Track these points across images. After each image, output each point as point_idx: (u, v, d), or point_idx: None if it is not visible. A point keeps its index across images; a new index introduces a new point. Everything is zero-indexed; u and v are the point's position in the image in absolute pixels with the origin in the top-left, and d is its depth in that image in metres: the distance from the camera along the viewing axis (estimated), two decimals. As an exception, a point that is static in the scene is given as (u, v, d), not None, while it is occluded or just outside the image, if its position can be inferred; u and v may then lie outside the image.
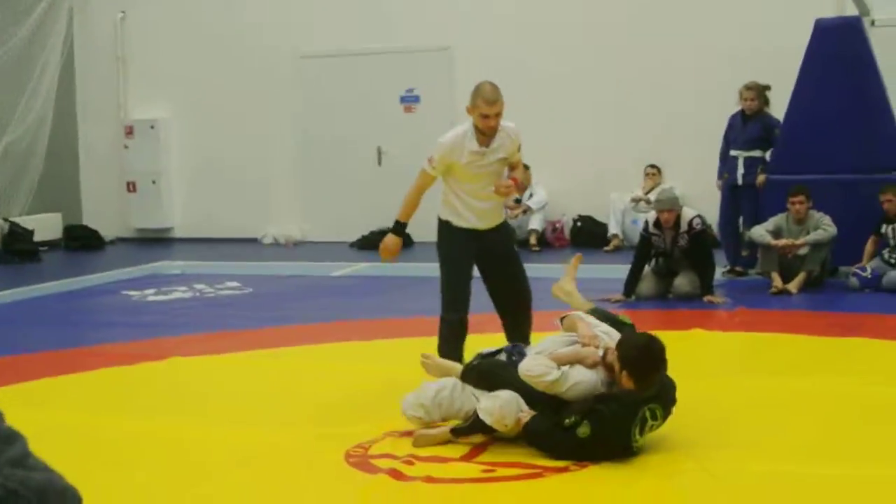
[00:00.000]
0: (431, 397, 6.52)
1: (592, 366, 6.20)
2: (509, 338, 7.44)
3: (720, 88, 14.13)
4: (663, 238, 11.46)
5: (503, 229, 7.68)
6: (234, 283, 13.36)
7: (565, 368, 6.13)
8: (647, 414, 5.94)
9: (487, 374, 6.46)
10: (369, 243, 17.14)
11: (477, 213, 7.45)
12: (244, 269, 14.88)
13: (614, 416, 5.89)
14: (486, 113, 7.18)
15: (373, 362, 8.77)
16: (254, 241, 18.24)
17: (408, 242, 16.94)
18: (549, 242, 16.73)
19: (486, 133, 7.27)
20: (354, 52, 17.91)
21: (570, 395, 6.11)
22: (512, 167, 7.52)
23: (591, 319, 6.64)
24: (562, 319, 6.74)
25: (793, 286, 11.65)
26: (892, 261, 11.72)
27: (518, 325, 7.59)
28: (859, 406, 7.15)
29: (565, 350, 6.30)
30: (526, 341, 7.26)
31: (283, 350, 9.34)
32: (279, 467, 6.14)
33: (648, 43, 16.38)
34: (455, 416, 6.47)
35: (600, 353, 6.24)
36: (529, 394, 6.18)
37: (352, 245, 17.36)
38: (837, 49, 12.54)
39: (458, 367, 6.69)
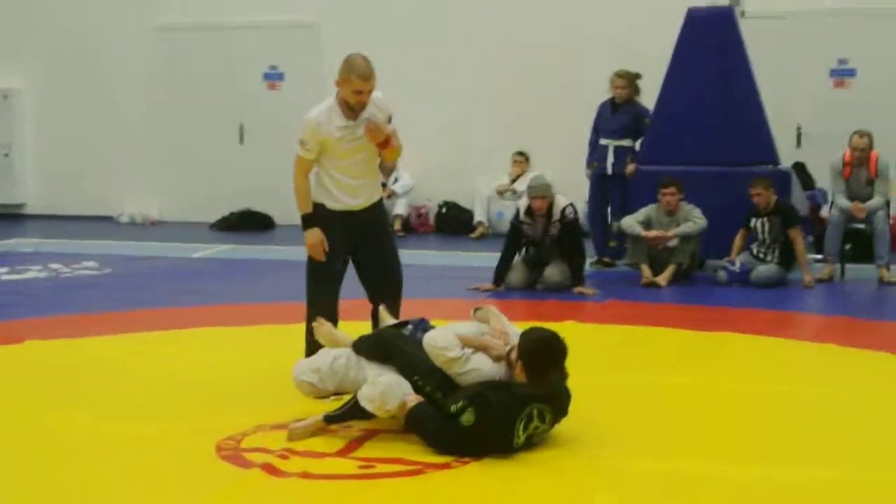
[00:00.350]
0: (329, 363, 6.35)
1: (496, 359, 6.13)
2: (376, 325, 7.20)
3: (590, 76, 14.02)
4: (534, 226, 11.32)
5: (378, 209, 7.41)
6: (92, 263, 12.98)
7: (468, 351, 6.05)
8: (535, 412, 5.83)
9: (385, 342, 6.29)
10: (229, 225, 16.83)
11: (350, 192, 7.19)
12: (101, 248, 14.49)
13: (500, 406, 5.76)
14: (360, 89, 6.94)
15: (238, 349, 8.50)
16: (109, 219, 17.79)
17: (269, 224, 16.73)
18: (413, 228, 16.56)
19: (354, 108, 7.04)
20: (215, 25, 17.54)
21: (465, 379, 6.02)
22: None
23: (504, 318, 6.53)
24: (475, 311, 6.61)
25: (662, 279, 11.64)
26: (761, 255, 11.77)
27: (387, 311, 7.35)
28: (732, 402, 7.15)
29: (475, 335, 6.20)
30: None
31: (144, 335, 9.02)
32: (145, 460, 5.84)
33: (517, 28, 16.31)
34: (349, 388, 6.27)
35: (507, 349, 6.15)
36: (421, 368, 6.05)
37: (212, 226, 16.99)
38: (708, 39, 12.58)
39: (350, 337, 6.47)
